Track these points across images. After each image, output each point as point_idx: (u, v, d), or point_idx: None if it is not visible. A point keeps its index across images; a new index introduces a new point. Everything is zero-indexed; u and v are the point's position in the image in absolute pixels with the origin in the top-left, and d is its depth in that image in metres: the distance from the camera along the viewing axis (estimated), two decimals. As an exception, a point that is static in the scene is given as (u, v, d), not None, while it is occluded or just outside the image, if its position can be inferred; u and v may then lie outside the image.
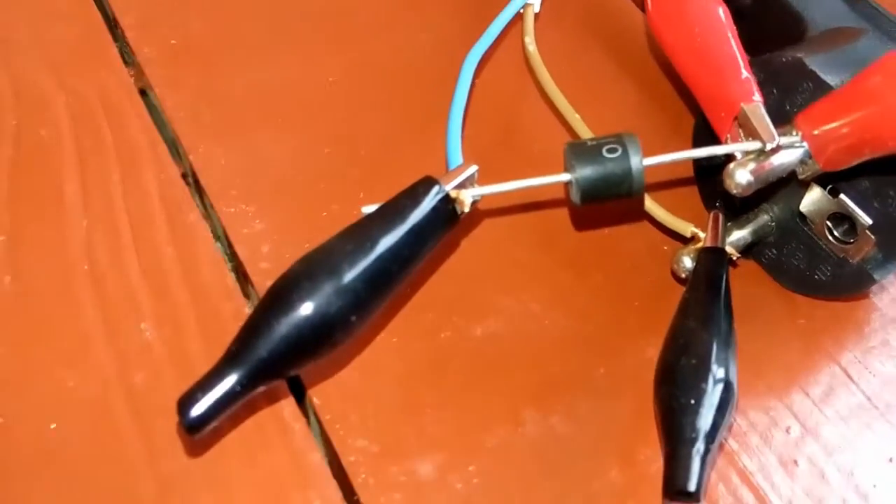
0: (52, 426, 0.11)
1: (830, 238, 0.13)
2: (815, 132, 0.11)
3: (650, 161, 0.11)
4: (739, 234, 0.13)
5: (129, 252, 0.13)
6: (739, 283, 0.14)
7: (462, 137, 0.13)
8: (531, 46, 0.14)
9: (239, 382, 0.09)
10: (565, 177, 0.11)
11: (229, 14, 0.17)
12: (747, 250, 0.14)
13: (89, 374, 0.12)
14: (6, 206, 0.14)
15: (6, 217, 0.14)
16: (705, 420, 0.10)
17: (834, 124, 0.11)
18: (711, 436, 0.11)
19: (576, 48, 0.17)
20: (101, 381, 0.12)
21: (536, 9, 0.15)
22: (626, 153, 0.11)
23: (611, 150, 0.11)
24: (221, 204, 0.14)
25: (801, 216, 0.13)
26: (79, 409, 0.12)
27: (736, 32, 0.12)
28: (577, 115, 0.14)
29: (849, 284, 0.13)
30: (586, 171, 0.11)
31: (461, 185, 0.11)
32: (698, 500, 0.10)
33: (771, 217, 0.13)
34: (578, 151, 0.11)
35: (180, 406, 0.09)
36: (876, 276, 0.12)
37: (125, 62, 0.16)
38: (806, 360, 0.13)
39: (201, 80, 0.16)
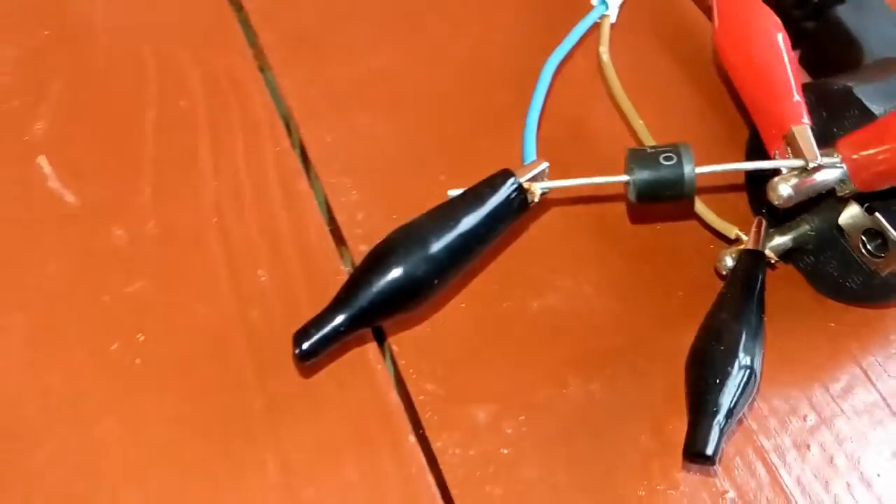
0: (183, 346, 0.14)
1: (863, 251, 0.14)
2: (854, 156, 0.12)
3: (701, 170, 0.13)
4: (781, 240, 0.15)
5: (251, 210, 0.16)
6: (779, 285, 0.15)
7: (537, 133, 0.15)
8: (605, 56, 0.16)
9: (342, 324, 0.12)
10: (625, 178, 0.13)
11: (338, 9, 0.19)
12: (787, 255, 0.15)
13: (216, 307, 0.15)
14: (152, 163, 0.16)
15: (152, 172, 0.16)
16: (727, 398, 0.12)
17: (870, 151, 0.12)
18: (731, 412, 0.12)
19: (647, 57, 0.18)
20: (224, 313, 0.14)
21: (613, 19, 0.17)
22: (680, 161, 0.13)
23: (667, 158, 0.13)
24: (325, 175, 0.17)
25: (839, 229, 0.14)
26: (206, 334, 0.14)
27: (793, 57, 0.14)
28: (641, 122, 0.15)
29: (877, 294, 0.14)
30: (643, 175, 0.13)
31: (533, 179, 0.13)
32: (713, 464, 0.12)
33: (811, 227, 0.15)
34: (638, 157, 0.13)
35: (295, 338, 0.12)
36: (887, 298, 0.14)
37: (249, 44, 0.19)
38: (830, 359, 0.15)
39: (313, 64, 0.18)
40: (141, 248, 0.15)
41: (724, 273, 0.14)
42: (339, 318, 0.12)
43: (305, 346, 0.11)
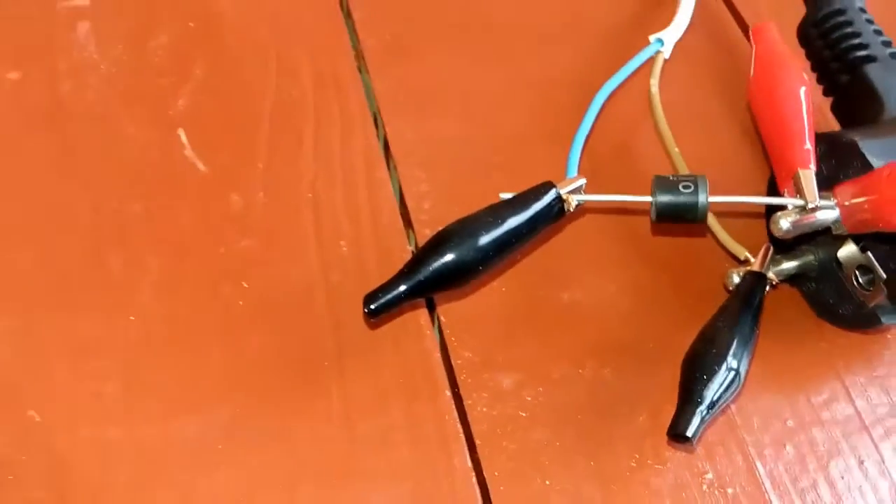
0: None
1: (856, 284, 0.16)
2: (846, 203, 0.14)
3: (714, 199, 0.15)
4: (787, 265, 0.17)
5: (339, 191, 0.19)
6: (785, 304, 0.17)
7: (583, 151, 0.17)
8: (654, 88, 0.18)
9: (403, 293, 0.15)
10: (648, 199, 0.15)
11: (430, 24, 0.22)
12: (793, 279, 0.17)
13: (305, 267, 0.18)
14: (266, 142, 0.20)
15: (265, 150, 0.20)
16: (711, 392, 0.15)
17: (856, 200, 0.14)
18: (713, 404, 0.15)
19: (694, 91, 0.21)
20: (311, 273, 0.18)
21: (667, 55, 0.19)
22: (696, 190, 0.15)
23: (686, 186, 0.15)
24: (402, 167, 0.20)
25: (837, 262, 0.16)
26: (295, 288, 0.18)
27: (811, 109, 0.16)
28: (677, 150, 0.17)
29: (864, 322, 0.16)
30: (664, 198, 0.15)
31: (572, 192, 0.16)
32: (692, 445, 0.15)
33: (815, 257, 0.17)
34: (661, 183, 0.15)
35: (365, 299, 0.15)
36: (883, 320, 0.15)
37: (353, 48, 0.22)
38: (817, 374, 0.17)
39: (402, 70, 0.22)
40: (251, 213, 0.19)
41: (729, 288, 0.17)
42: (402, 288, 0.15)
43: (373, 306, 0.15)
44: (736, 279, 0.16)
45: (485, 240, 0.15)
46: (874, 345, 0.17)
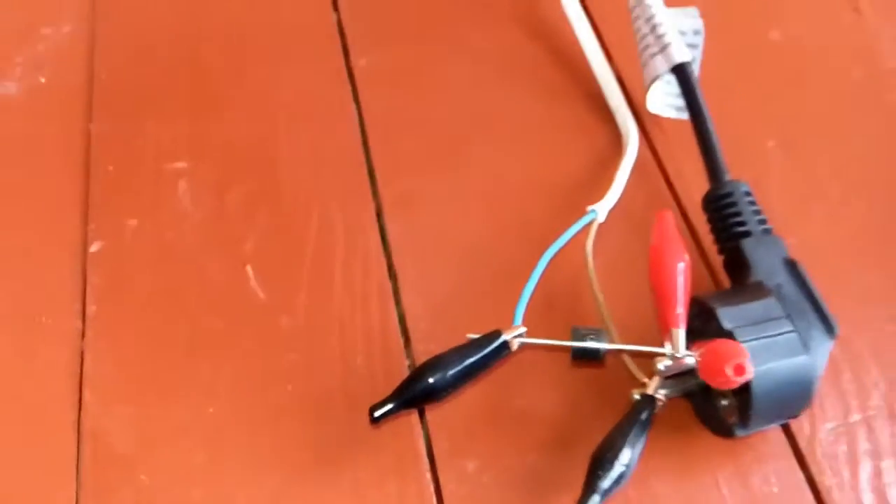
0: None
1: (721, 404, 0.22)
2: (697, 356, 0.20)
3: (610, 346, 0.22)
4: (672, 389, 0.23)
5: (358, 316, 0.26)
6: (681, 414, 0.23)
7: (529, 302, 0.24)
8: (588, 248, 0.25)
9: (397, 405, 0.22)
10: (567, 343, 0.22)
11: (433, 180, 0.29)
12: (686, 395, 0.23)
13: (330, 377, 0.25)
14: (307, 276, 0.27)
15: (307, 282, 0.27)
16: (606, 484, 0.21)
17: (699, 358, 0.20)
18: (607, 492, 0.21)
19: (624, 247, 0.26)
20: (335, 381, 0.25)
21: (601, 220, 0.26)
22: (598, 339, 0.21)
23: (591, 337, 0.22)
24: (405, 297, 0.27)
25: (708, 389, 0.22)
26: (326, 389, 0.25)
27: (688, 279, 0.22)
28: (601, 295, 0.24)
29: (726, 433, 0.22)
30: (576, 345, 0.22)
31: (516, 336, 0.22)
32: None
33: (695, 384, 0.23)
34: (576, 331, 0.22)
35: (371, 409, 0.22)
36: (736, 433, 0.21)
37: (373, 197, 0.29)
38: (694, 466, 0.23)
39: (412, 218, 0.29)
40: (295, 332, 0.26)
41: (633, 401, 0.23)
42: (395, 403, 0.22)
43: (376, 414, 0.22)
44: (636, 396, 0.22)
45: (451, 372, 0.22)
46: (739, 447, 0.23)
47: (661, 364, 0.21)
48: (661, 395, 0.22)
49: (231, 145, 0.31)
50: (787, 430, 0.23)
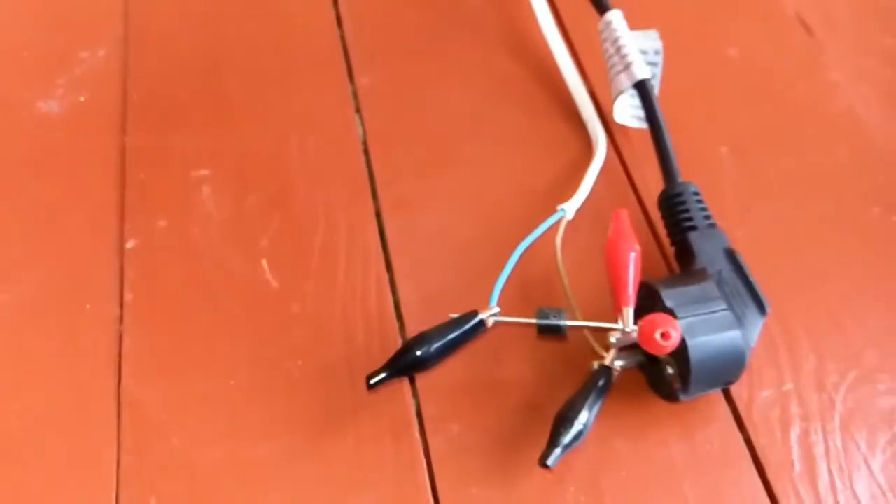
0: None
1: (667, 373, 0.25)
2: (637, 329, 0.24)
3: (569, 323, 0.25)
4: (627, 361, 0.26)
5: (359, 302, 0.30)
6: (636, 384, 0.27)
7: (505, 286, 0.27)
8: (557, 242, 0.28)
9: (389, 374, 0.25)
10: (533, 321, 0.26)
11: (428, 186, 0.33)
12: (639, 366, 0.27)
13: (335, 353, 0.29)
14: (316, 269, 0.31)
15: (315, 274, 0.31)
16: (566, 439, 0.24)
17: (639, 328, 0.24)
18: (568, 447, 0.24)
19: (592, 243, 0.30)
20: (339, 357, 0.29)
21: (570, 218, 0.29)
22: (559, 317, 0.25)
23: (554, 315, 0.25)
24: (401, 286, 0.30)
25: (656, 360, 0.26)
26: (330, 367, 0.29)
27: (638, 266, 0.26)
28: (567, 280, 0.27)
29: (672, 398, 0.26)
30: (541, 322, 0.26)
31: (491, 315, 0.26)
32: (551, 469, 0.24)
33: (646, 354, 0.26)
34: (540, 311, 0.26)
35: (368, 377, 0.25)
36: (680, 398, 0.25)
37: (373, 199, 0.33)
38: (649, 429, 0.26)
39: (408, 219, 0.32)
40: (305, 316, 0.30)
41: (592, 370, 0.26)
42: (387, 373, 0.25)
43: (371, 381, 0.25)
44: (595, 366, 0.26)
45: (435, 346, 0.26)
46: (685, 411, 0.26)
47: (613, 337, 0.25)
48: (616, 365, 0.26)
49: (248, 155, 0.35)
50: (728, 397, 0.27)
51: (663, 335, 0.23)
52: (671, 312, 0.24)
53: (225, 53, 0.39)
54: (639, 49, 0.32)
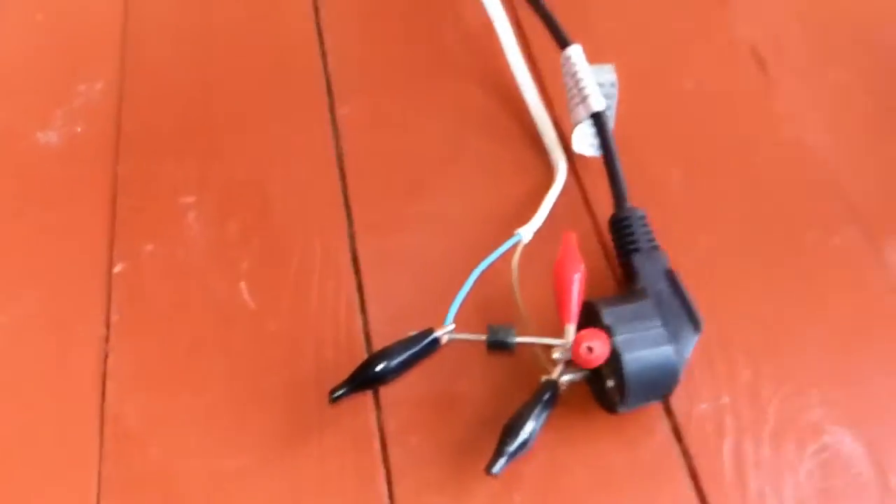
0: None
1: (608, 386, 0.27)
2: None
3: (517, 339, 0.27)
4: (572, 376, 0.28)
5: (329, 321, 0.32)
6: (583, 397, 0.29)
7: (466, 302, 0.29)
8: (514, 264, 0.30)
9: (350, 388, 0.27)
10: (483, 337, 0.27)
11: (397, 216, 0.35)
12: (585, 380, 0.28)
13: (306, 366, 0.31)
14: (291, 291, 0.33)
15: (291, 296, 0.33)
16: (511, 448, 0.26)
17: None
18: (513, 455, 0.26)
19: (548, 265, 0.31)
20: (309, 370, 0.31)
21: (525, 242, 0.31)
22: (507, 333, 0.27)
23: (503, 332, 0.27)
24: (369, 304, 0.33)
25: (599, 374, 0.27)
26: (300, 379, 0.30)
27: (582, 286, 0.28)
28: (520, 299, 0.29)
29: (614, 410, 0.27)
30: (490, 338, 0.27)
31: (446, 333, 0.28)
32: (496, 477, 0.26)
33: (589, 371, 0.28)
34: (491, 328, 0.28)
35: (331, 391, 0.27)
36: (619, 410, 0.27)
37: (348, 227, 0.35)
38: (592, 437, 0.28)
39: (383, 245, 0.34)
40: (281, 334, 0.32)
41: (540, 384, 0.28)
42: (348, 387, 0.27)
43: (334, 396, 0.27)
44: (543, 380, 0.28)
45: (394, 362, 0.28)
46: (628, 423, 0.28)
47: (556, 353, 0.27)
48: (563, 379, 0.28)
49: (232, 182, 0.37)
50: (668, 409, 0.29)
51: (589, 349, 0.25)
52: (609, 329, 0.26)
53: (215, 84, 0.41)
54: (596, 82, 0.35)
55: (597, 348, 0.25)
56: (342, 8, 0.44)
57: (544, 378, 0.27)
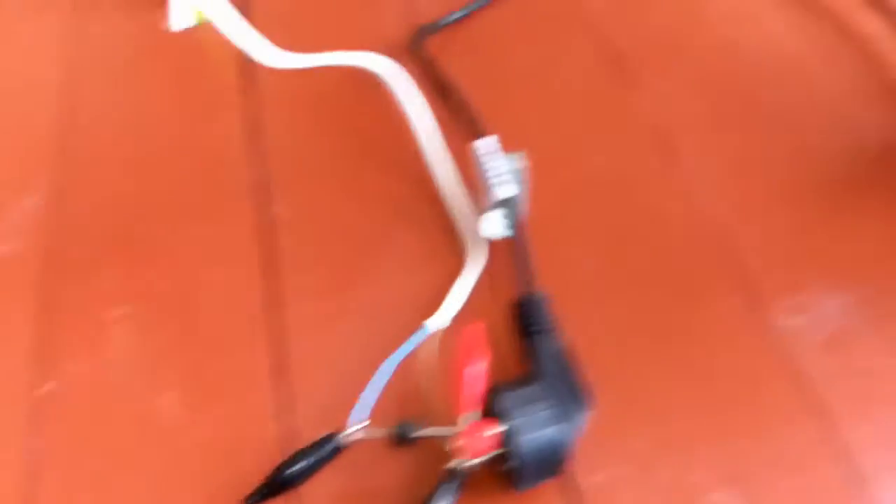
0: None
1: (508, 467, 0.28)
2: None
3: (416, 434, 0.28)
4: (476, 461, 0.28)
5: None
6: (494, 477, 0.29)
7: (379, 398, 0.30)
8: (420, 357, 0.31)
9: (262, 495, 0.29)
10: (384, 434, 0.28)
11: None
12: (493, 463, 0.29)
13: (229, 449, 0.31)
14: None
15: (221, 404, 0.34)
16: None
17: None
18: None
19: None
20: (231, 469, 0.31)
21: (429, 332, 0.32)
22: (405, 431, 0.28)
23: (400, 429, 0.28)
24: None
25: (503, 457, 0.28)
26: (221, 467, 0.31)
27: (482, 377, 0.28)
28: (429, 395, 0.30)
29: (516, 487, 0.28)
30: (393, 434, 0.28)
31: (355, 432, 0.29)
32: None
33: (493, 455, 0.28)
34: (393, 429, 0.28)
35: (245, 499, 0.28)
36: (518, 489, 0.27)
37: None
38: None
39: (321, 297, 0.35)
40: (201, 446, 0.32)
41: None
42: (261, 494, 0.29)
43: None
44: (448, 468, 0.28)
45: (299, 467, 0.29)
46: (533, 498, 0.29)
47: (448, 445, 0.28)
48: (465, 466, 0.28)
49: (161, 293, 0.37)
50: (564, 484, 0.29)
51: (462, 446, 0.26)
52: (502, 414, 0.27)
53: (149, 194, 0.41)
54: (508, 169, 0.36)
55: (476, 441, 0.26)
56: (275, 111, 0.45)
57: (446, 467, 0.28)
